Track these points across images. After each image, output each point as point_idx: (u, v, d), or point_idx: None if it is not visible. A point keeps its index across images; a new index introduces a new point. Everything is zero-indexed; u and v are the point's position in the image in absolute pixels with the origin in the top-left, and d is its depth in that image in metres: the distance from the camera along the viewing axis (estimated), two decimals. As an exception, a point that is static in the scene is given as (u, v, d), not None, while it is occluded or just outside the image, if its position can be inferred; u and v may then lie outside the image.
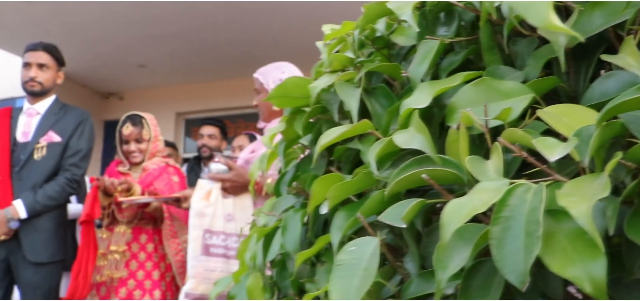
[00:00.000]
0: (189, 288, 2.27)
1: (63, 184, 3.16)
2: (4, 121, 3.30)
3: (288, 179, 0.98)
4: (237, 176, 2.40)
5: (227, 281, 1.07)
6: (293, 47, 6.53)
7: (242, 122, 8.10)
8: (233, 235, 2.36)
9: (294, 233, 0.82)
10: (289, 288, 0.94)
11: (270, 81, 2.56)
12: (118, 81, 8.43)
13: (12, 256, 3.10)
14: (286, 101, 0.89)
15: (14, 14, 6.40)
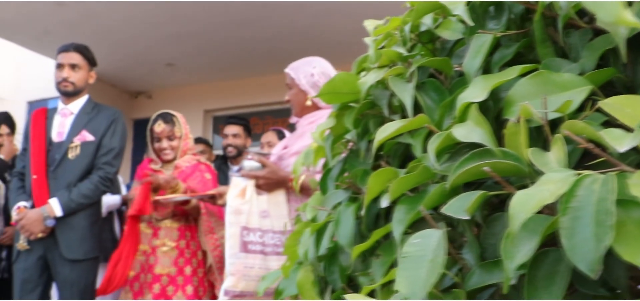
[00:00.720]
0: (228, 285, 2.26)
1: (96, 183, 3.20)
2: (39, 122, 3.35)
3: (335, 174, 1.00)
4: (270, 172, 2.41)
5: (274, 276, 1.09)
6: (319, 43, 6.54)
7: (270, 119, 8.12)
8: (268, 232, 2.37)
9: (348, 227, 0.83)
10: (337, 282, 0.95)
11: (301, 76, 2.57)
12: (146, 80, 8.50)
13: (50, 253, 3.15)
14: (335, 97, 0.91)
15: (45, 16, 6.50)
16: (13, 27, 6.93)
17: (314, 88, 2.53)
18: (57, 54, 3.38)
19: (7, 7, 6.38)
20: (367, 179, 0.89)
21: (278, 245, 2.36)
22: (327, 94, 0.90)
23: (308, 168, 1.12)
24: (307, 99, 2.54)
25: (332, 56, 2.80)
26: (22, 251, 3.17)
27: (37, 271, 3.16)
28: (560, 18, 0.66)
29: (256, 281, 2.26)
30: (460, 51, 0.90)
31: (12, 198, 3.29)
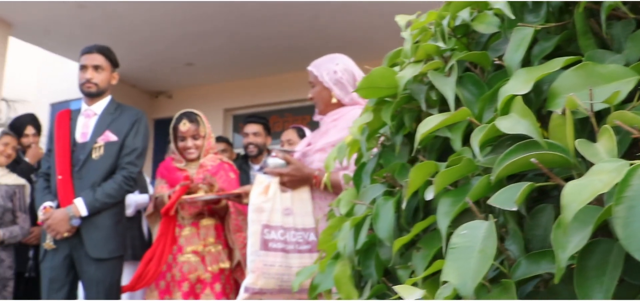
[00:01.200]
0: (248, 283, 2.28)
1: (120, 182, 3.22)
2: (63, 123, 3.39)
3: (370, 169, 1.00)
4: (295, 169, 2.42)
5: (309, 271, 1.09)
6: (339, 39, 6.53)
7: (289, 116, 8.13)
8: (291, 229, 2.37)
9: (387, 221, 0.84)
10: (373, 276, 0.96)
11: (324, 73, 2.57)
12: (166, 79, 8.55)
13: (75, 252, 3.18)
14: (372, 91, 0.91)
15: (67, 19, 6.55)
16: (35, 30, 7.00)
17: (337, 85, 2.53)
18: (80, 56, 3.41)
19: (29, 11, 6.45)
20: (405, 173, 0.90)
21: (300, 243, 2.36)
22: (365, 89, 0.90)
23: (341, 163, 1.13)
24: (331, 96, 2.54)
25: (352, 52, 2.81)
26: (48, 250, 3.21)
27: (63, 270, 3.20)
28: (603, 9, 0.67)
29: (276, 279, 2.28)
30: (495, 44, 0.90)
31: (38, 198, 3.33)
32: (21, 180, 3.99)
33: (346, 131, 2.39)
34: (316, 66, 2.62)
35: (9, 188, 3.86)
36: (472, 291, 0.55)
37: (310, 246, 2.37)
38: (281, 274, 2.29)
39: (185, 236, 3.21)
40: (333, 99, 2.55)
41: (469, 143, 0.79)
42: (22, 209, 3.92)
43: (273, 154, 2.50)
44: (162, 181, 3.44)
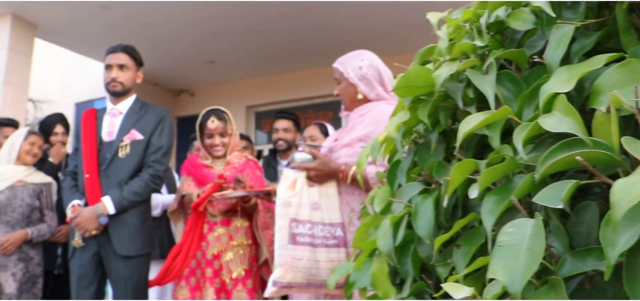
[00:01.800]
0: (276, 277, 2.27)
1: (147, 180, 3.25)
2: (90, 122, 3.41)
3: (405, 167, 1.01)
4: (322, 164, 2.43)
5: (344, 269, 1.10)
6: (360, 34, 6.53)
7: (311, 113, 8.15)
8: (318, 224, 2.37)
9: (426, 218, 0.84)
10: (408, 273, 0.97)
11: (349, 69, 2.58)
12: (188, 77, 8.60)
13: (103, 250, 3.22)
14: (409, 90, 0.92)
15: (90, 20, 6.62)
16: (59, 31, 7.09)
17: (363, 81, 2.54)
18: (105, 56, 3.43)
19: (53, 13, 6.53)
20: (442, 170, 0.90)
21: (328, 237, 2.37)
22: (402, 88, 0.91)
23: (374, 160, 1.13)
24: (357, 93, 2.55)
25: (373, 47, 2.81)
26: (77, 248, 3.25)
27: (92, 267, 3.23)
28: (645, 5, 0.67)
29: (304, 272, 2.29)
30: (530, 41, 0.90)
31: (66, 196, 3.36)
32: (48, 178, 4.04)
33: (372, 126, 2.40)
34: (341, 63, 2.63)
35: (36, 187, 3.91)
36: (521, 288, 0.56)
37: (337, 241, 2.37)
38: (309, 268, 2.29)
39: (215, 234, 3.22)
40: (359, 95, 2.56)
41: (506, 141, 0.79)
42: (49, 208, 3.97)
43: (300, 149, 2.51)
44: (188, 179, 3.46)
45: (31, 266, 3.77)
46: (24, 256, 3.73)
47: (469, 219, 0.80)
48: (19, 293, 3.65)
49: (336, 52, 2.78)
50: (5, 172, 3.83)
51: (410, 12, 6.26)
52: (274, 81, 8.34)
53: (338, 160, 2.47)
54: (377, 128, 2.40)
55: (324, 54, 7.14)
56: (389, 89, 2.59)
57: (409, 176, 1.01)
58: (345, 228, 2.42)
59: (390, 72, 2.64)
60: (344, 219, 2.43)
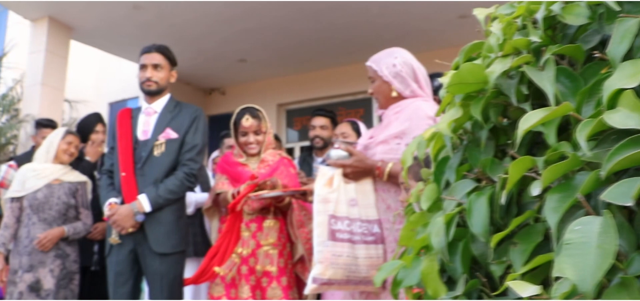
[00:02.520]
0: (316, 273, 2.25)
1: (182, 179, 3.27)
2: (125, 121, 3.45)
3: (455, 164, 1.00)
4: (358, 161, 2.42)
5: (391, 266, 1.09)
6: (392, 31, 6.51)
7: (342, 110, 8.13)
8: (356, 220, 2.36)
9: (481, 216, 0.83)
10: (457, 271, 0.96)
11: (383, 67, 2.56)
12: (219, 76, 8.64)
13: (139, 247, 3.25)
14: (462, 87, 0.91)
15: (123, 20, 6.70)
16: (94, 33, 7.18)
17: (397, 78, 2.53)
18: (140, 56, 3.46)
19: (88, 15, 6.62)
20: (496, 168, 0.89)
21: (366, 234, 2.36)
22: (454, 85, 0.90)
23: (420, 158, 1.12)
24: (391, 90, 2.54)
25: (405, 43, 2.80)
26: (114, 245, 3.28)
27: (128, 264, 3.27)
28: None
29: (344, 269, 2.27)
30: (585, 36, 0.89)
31: (103, 194, 3.40)
32: (83, 177, 4.10)
33: (408, 123, 2.39)
34: (375, 61, 2.61)
35: (71, 185, 3.98)
36: (593, 287, 0.55)
37: (375, 238, 2.37)
38: (348, 264, 2.28)
39: (249, 232, 3.23)
40: (393, 92, 2.54)
41: (561, 138, 0.78)
42: (84, 206, 4.04)
43: (336, 146, 2.50)
44: (222, 177, 3.47)
45: (68, 263, 3.84)
46: (60, 253, 3.80)
47: (525, 217, 0.79)
48: (57, 289, 3.72)
49: (367, 49, 2.77)
50: (43, 170, 3.91)
51: (443, 9, 6.22)
52: (305, 79, 8.34)
53: (374, 157, 2.46)
54: (412, 125, 2.39)
55: (355, 51, 7.13)
56: (423, 86, 2.58)
57: (458, 174, 1.00)
58: (382, 224, 2.41)
59: (424, 69, 2.63)
60: (381, 216, 2.42)
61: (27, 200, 3.83)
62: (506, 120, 0.97)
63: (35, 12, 6.79)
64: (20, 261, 3.72)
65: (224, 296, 3.20)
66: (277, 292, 3.13)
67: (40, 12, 6.74)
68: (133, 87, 8.77)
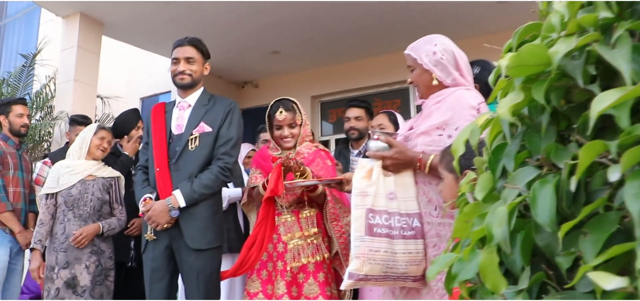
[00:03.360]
0: (353, 268, 2.21)
1: (216, 173, 3.25)
2: (159, 116, 3.45)
3: (513, 151, 0.95)
4: (398, 153, 2.37)
5: (445, 260, 1.05)
6: (428, 18, 6.39)
7: (378, 101, 8.06)
8: (395, 214, 2.31)
9: (547, 205, 0.79)
10: (516, 264, 0.91)
11: (422, 55, 2.50)
12: (252, 69, 8.63)
13: (175, 243, 3.24)
14: (522, 69, 0.86)
15: (154, 15, 6.73)
16: (125, 28, 7.23)
17: (438, 66, 2.47)
18: (172, 49, 3.45)
19: (119, 10, 6.67)
20: (561, 153, 0.84)
21: (405, 228, 2.31)
22: (515, 67, 0.85)
23: (473, 145, 1.08)
24: (432, 79, 2.48)
25: (442, 31, 2.72)
26: (149, 241, 3.28)
27: (164, 260, 3.26)
28: None
29: (381, 265, 2.22)
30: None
31: (138, 190, 3.40)
32: (116, 172, 4.13)
33: (450, 112, 2.33)
34: (414, 49, 2.55)
35: (105, 181, 4.01)
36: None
37: (415, 232, 2.32)
38: (386, 260, 2.23)
39: (285, 226, 3.20)
40: (434, 81, 2.48)
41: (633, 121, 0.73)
42: (118, 201, 4.07)
43: (375, 137, 2.45)
44: (256, 171, 3.45)
45: (103, 259, 3.87)
46: (96, 250, 3.83)
47: (597, 205, 0.74)
48: (93, 286, 3.75)
49: (403, 38, 2.72)
50: (77, 167, 3.94)
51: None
52: (340, 70, 8.27)
53: (414, 149, 2.40)
54: (455, 115, 2.33)
55: (391, 41, 7.04)
56: (465, 74, 2.51)
57: (517, 161, 0.95)
58: (423, 218, 2.36)
59: (465, 56, 2.56)
60: (421, 210, 2.37)
61: (62, 197, 3.86)
62: (567, 104, 0.92)
63: (67, 9, 6.86)
64: (56, 257, 3.76)
65: (261, 292, 3.18)
66: (313, 288, 3.09)
67: (72, 9, 6.81)
68: (164, 82, 8.84)
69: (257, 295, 3.18)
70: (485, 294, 0.96)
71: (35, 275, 3.82)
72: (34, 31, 10.69)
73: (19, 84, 7.56)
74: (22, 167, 4.67)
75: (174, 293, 3.37)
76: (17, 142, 4.73)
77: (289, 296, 3.07)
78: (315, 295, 3.07)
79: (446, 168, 2.07)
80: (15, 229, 4.47)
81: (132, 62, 9.71)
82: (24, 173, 4.68)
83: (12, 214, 4.45)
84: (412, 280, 2.32)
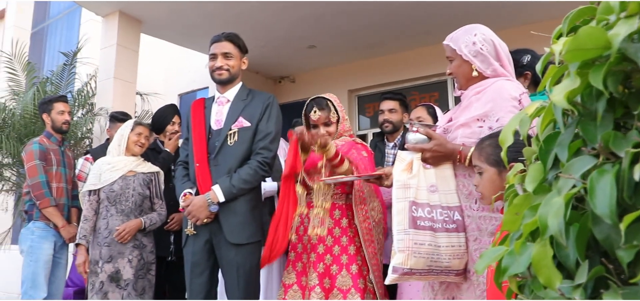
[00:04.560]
0: (397, 262, 2.18)
1: (255, 168, 3.25)
2: (199, 112, 3.46)
3: (567, 140, 0.91)
4: (438, 145, 2.33)
5: (494, 254, 1.02)
6: (467, 8, 6.28)
7: (416, 94, 7.99)
8: (437, 207, 2.28)
9: (607, 196, 0.75)
10: (569, 258, 0.88)
11: (462, 46, 2.45)
12: (289, 64, 8.63)
13: (215, 237, 3.26)
14: (579, 53, 0.82)
15: (190, 12, 6.77)
16: (163, 25, 7.30)
17: (478, 57, 2.42)
18: (209, 45, 3.46)
19: (157, 7, 6.73)
20: (620, 142, 0.80)
21: (447, 221, 2.27)
22: (572, 51, 0.82)
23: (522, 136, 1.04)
24: (471, 70, 2.43)
25: (483, 21, 2.66)
26: (190, 236, 3.30)
27: (204, 254, 3.28)
28: None
29: (425, 258, 2.19)
30: None
31: (178, 185, 3.42)
32: (155, 168, 4.18)
33: (491, 104, 2.28)
34: (453, 40, 2.51)
35: (145, 176, 4.06)
36: None
37: (456, 225, 2.28)
38: (430, 253, 2.20)
39: (319, 218, 3.18)
40: (474, 72, 2.43)
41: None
42: (158, 196, 4.12)
43: (414, 130, 2.41)
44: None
45: (145, 253, 3.93)
46: (138, 244, 3.89)
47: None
48: (135, 279, 3.81)
49: (441, 30, 2.66)
50: (117, 163, 4.01)
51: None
52: (376, 63, 8.22)
53: (454, 141, 2.36)
54: (495, 106, 2.28)
55: (428, 32, 6.96)
56: (505, 64, 2.46)
57: (570, 151, 0.91)
58: (463, 211, 2.32)
59: (506, 46, 2.50)
60: (462, 203, 2.33)
61: (104, 193, 3.93)
62: (625, 90, 0.87)
63: (106, 8, 6.96)
64: (100, 252, 3.82)
65: (296, 283, 3.18)
66: (346, 280, 3.07)
67: (111, 7, 6.90)
68: (202, 78, 8.93)
69: (291, 286, 3.18)
70: (537, 288, 0.92)
71: (81, 270, 3.90)
72: (75, 31, 10.90)
73: (61, 83, 7.70)
74: (65, 163, 4.77)
75: (214, 287, 3.38)
76: (60, 139, 4.82)
77: (321, 288, 3.06)
78: (347, 287, 3.05)
79: (487, 161, 2.03)
80: (59, 224, 4.57)
81: (170, 59, 9.82)
82: (67, 169, 4.77)
83: (55, 209, 4.55)
84: (455, 274, 2.29)
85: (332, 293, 3.06)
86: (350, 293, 3.04)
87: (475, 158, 2.10)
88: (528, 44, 3.57)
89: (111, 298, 3.73)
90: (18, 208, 7.58)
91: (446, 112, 2.80)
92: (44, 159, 4.56)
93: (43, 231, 4.55)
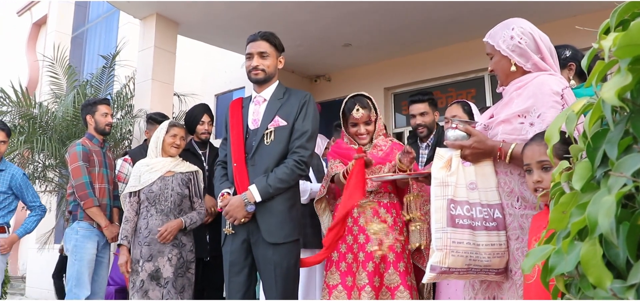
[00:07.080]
0: (435, 261, 2.16)
1: (292, 167, 3.24)
2: (236, 111, 3.47)
3: (617, 137, 0.89)
4: (477, 142, 2.30)
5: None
6: (504, 4, 6.17)
7: (452, 91, 7.92)
8: (477, 205, 2.25)
9: (660, 194, 0.74)
10: (619, 257, 0.86)
11: (500, 41, 2.42)
12: (324, 62, 8.63)
13: (252, 237, 3.26)
14: (631, 49, 0.80)
15: (226, 13, 6.82)
16: (199, 26, 7.37)
17: (516, 51, 2.38)
18: (246, 45, 3.46)
19: (193, 9, 6.79)
20: (675, 138, 0.78)
21: (487, 219, 2.24)
22: (623, 47, 0.80)
23: (568, 133, 1.02)
24: (510, 65, 2.39)
25: (522, 16, 2.62)
26: (228, 235, 3.31)
27: (242, 254, 3.29)
28: None
29: (464, 257, 2.17)
30: None
31: (216, 185, 3.45)
32: (193, 167, 4.24)
33: (532, 99, 2.24)
34: (491, 36, 2.47)
35: (184, 176, 4.12)
36: None
37: (497, 223, 2.25)
38: (469, 252, 2.17)
39: (366, 216, 3.18)
40: (512, 67, 2.39)
41: None
42: (197, 195, 4.17)
43: (453, 126, 2.38)
44: (335, 161, 3.46)
45: (185, 252, 3.98)
46: (178, 243, 3.95)
47: None
48: (175, 278, 3.87)
49: (477, 26, 2.63)
50: (156, 164, 4.07)
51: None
52: (412, 61, 8.16)
53: (495, 138, 2.33)
54: (537, 102, 2.24)
55: (464, 29, 6.87)
56: (547, 58, 2.41)
57: (620, 148, 0.89)
58: (504, 210, 2.28)
59: (548, 39, 2.45)
60: (503, 201, 2.30)
61: (144, 194, 4.00)
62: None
63: (144, 11, 7.05)
64: (140, 251, 3.90)
65: (340, 284, 3.17)
66: (394, 278, 3.07)
67: (148, 10, 6.99)
68: (238, 78, 8.98)
69: (336, 287, 3.18)
70: (586, 287, 0.91)
71: (123, 269, 3.97)
72: (113, 34, 11.08)
73: (101, 85, 7.84)
74: (106, 164, 4.85)
75: (252, 286, 3.38)
76: (101, 141, 4.91)
77: (371, 287, 3.06)
78: (396, 285, 3.05)
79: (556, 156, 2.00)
80: (101, 224, 4.65)
81: (207, 59, 9.90)
82: (108, 170, 4.86)
83: (98, 209, 4.64)
84: (495, 273, 2.26)
85: (382, 292, 3.07)
86: (399, 291, 3.04)
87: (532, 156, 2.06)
88: (568, 39, 3.50)
89: (151, 297, 3.79)
90: (61, 208, 7.75)
91: (485, 109, 2.77)
92: (87, 160, 4.65)
93: (87, 231, 4.65)
